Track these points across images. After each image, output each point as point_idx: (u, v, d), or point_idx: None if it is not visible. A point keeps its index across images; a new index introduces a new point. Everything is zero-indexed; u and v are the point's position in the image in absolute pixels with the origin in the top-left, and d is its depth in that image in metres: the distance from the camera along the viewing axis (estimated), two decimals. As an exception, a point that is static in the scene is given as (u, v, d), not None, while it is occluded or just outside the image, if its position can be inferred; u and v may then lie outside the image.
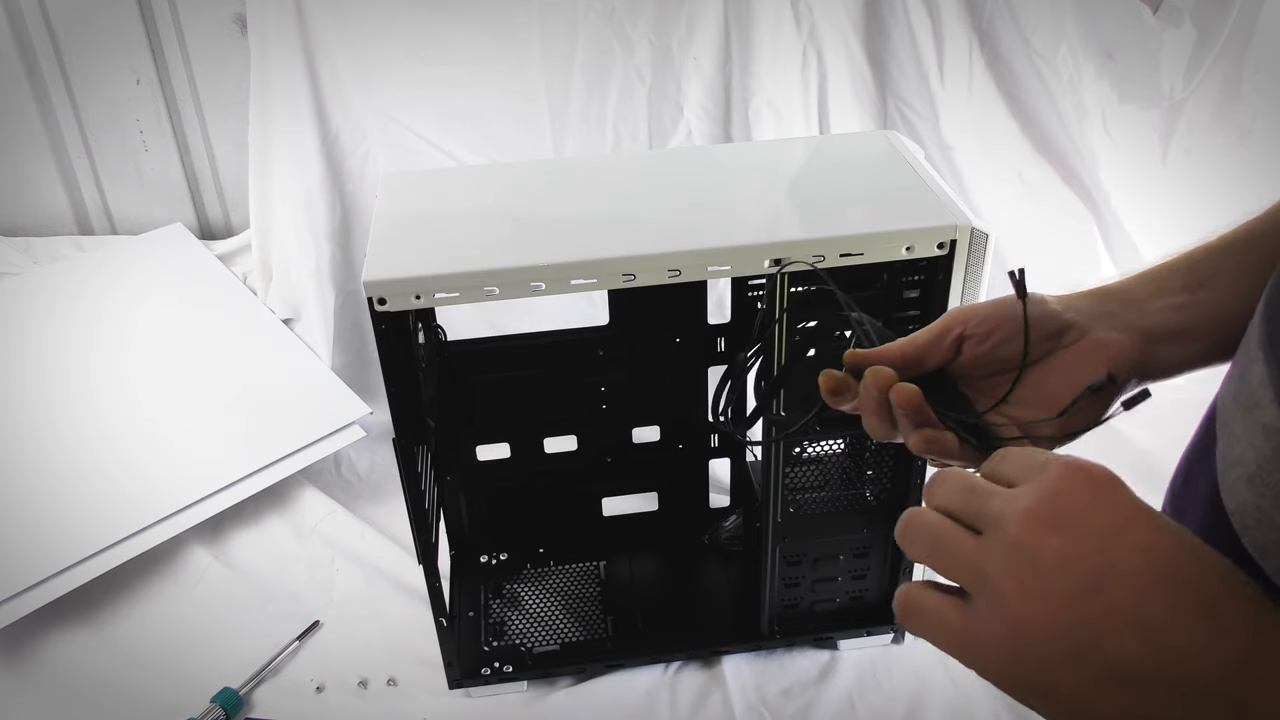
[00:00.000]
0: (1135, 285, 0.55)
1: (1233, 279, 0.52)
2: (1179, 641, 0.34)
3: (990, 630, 0.37)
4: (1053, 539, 0.36)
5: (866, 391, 0.54)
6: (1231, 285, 0.52)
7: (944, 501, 0.41)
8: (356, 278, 1.48)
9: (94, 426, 1.32)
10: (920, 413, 0.53)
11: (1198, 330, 0.52)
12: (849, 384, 0.56)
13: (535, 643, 1.13)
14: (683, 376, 1.17)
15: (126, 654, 1.15)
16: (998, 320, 0.55)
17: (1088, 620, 0.35)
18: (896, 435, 0.55)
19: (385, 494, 1.36)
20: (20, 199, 1.72)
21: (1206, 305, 0.52)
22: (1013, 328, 0.54)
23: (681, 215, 0.92)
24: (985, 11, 1.45)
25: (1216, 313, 0.52)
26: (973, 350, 0.55)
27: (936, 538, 0.40)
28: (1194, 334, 0.53)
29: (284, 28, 1.39)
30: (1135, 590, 0.35)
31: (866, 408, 0.55)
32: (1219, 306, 0.52)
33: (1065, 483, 0.37)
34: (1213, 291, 0.52)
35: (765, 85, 1.47)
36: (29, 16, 1.57)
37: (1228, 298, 0.52)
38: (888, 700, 1.09)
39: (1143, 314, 0.53)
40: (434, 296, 0.84)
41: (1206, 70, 1.44)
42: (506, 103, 1.49)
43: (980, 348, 0.55)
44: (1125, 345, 0.53)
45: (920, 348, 0.56)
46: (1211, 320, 0.52)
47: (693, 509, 1.27)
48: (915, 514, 0.41)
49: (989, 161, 1.52)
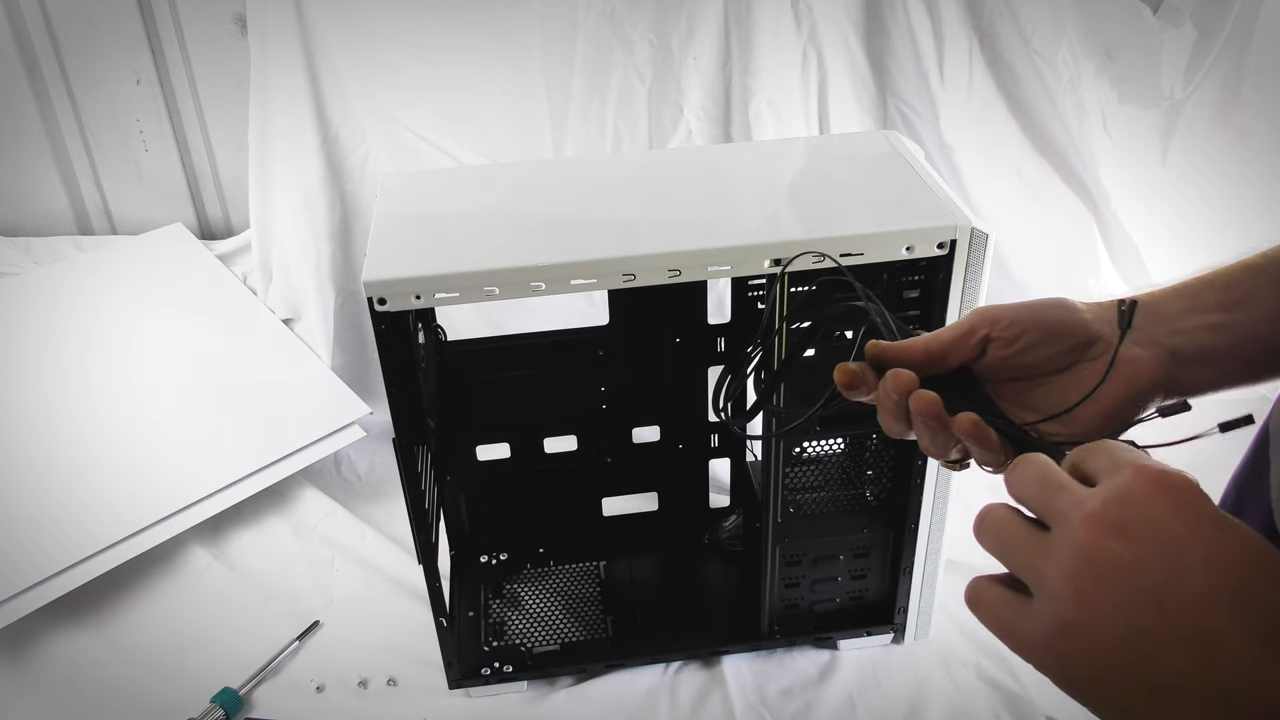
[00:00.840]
0: (1169, 300, 0.53)
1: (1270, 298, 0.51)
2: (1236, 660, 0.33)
3: (1041, 629, 0.37)
4: (1114, 544, 0.36)
5: (885, 394, 0.53)
6: (1267, 304, 0.51)
7: (1019, 492, 0.40)
8: (356, 278, 1.48)
9: (94, 426, 1.32)
10: (939, 421, 0.51)
11: (1228, 353, 0.51)
12: (866, 377, 0.54)
13: (535, 643, 1.13)
14: (683, 376, 1.17)
15: (127, 654, 1.15)
16: (1025, 324, 0.53)
17: (1143, 631, 0.35)
18: (910, 433, 0.54)
19: (385, 494, 1.36)
20: (20, 199, 1.72)
21: (1240, 326, 0.51)
22: (1040, 334, 0.53)
23: (681, 215, 0.92)
24: (985, 11, 1.45)
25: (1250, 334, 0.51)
26: (997, 353, 0.54)
27: (1004, 534, 0.40)
28: (1224, 356, 0.51)
29: (284, 28, 1.39)
30: (1195, 605, 0.34)
31: (884, 407, 0.54)
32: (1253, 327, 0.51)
33: (1136, 488, 0.37)
34: (1247, 311, 0.51)
35: (765, 85, 1.47)
36: (29, 16, 1.57)
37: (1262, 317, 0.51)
38: (888, 700, 1.09)
39: (1172, 332, 0.52)
40: (434, 296, 0.84)
41: (1206, 70, 1.44)
42: (507, 103, 1.49)
43: (1005, 351, 0.54)
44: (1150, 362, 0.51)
45: (945, 345, 0.54)
46: (1243, 342, 0.51)
47: (693, 509, 1.27)
48: (989, 510, 0.41)
49: (989, 161, 1.52)
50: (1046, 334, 0.53)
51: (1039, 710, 1.07)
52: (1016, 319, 0.53)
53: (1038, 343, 0.53)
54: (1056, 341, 0.53)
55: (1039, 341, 0.53)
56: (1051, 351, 0.53)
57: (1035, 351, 0.53)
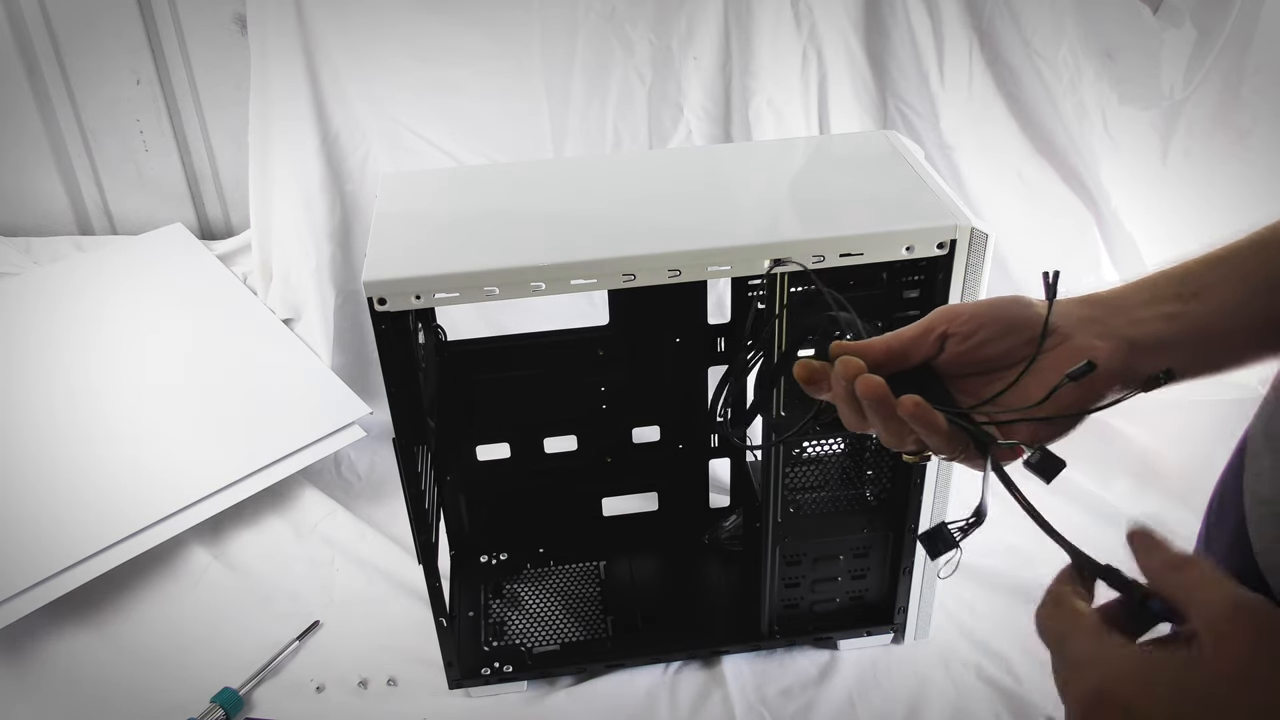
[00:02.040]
0: (1129, 292, 0.55)
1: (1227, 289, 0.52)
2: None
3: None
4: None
5: (836, 381, 0.55)
6: (1225, 295, 0.52)
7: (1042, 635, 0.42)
8: (356, 278, 1.48)
9: (94, 426, 1.32)
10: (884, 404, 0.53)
11: (1184, 343, 0.52)
12: (825, 373, 0.56)
13: (535, 643, 1.13)
14: (683, 376, 1.17)
15: (127, 654, 1.15)
16: (981, 320, 0.55)
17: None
18: (869, 426, 0.55)
19: (385, 494, 1.36)
20: (20, 199, 1.72)
21: (1197, 317, 0.52)
22: (996, 329, 0.54)
23: (681, 215, 0.92)
24: (985, 11, 1.45)
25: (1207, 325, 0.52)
26: (955, 348, 0.56)
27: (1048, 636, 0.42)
28: (1179, 346, 0.52)
29: (284, 28, 1.39)
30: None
31: (837, 396, 0.56)
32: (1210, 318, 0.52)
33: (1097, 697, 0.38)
34: (1205, 302, 0.52)
35: (765, 85, 1.47)
36: (29, 16, 1.57)
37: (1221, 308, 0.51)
38: (888, 700, 1.09)
39: (1130, 322, 0.53)
40: (434, 296, 0.85)
41: (1206, 70, 1.44)
42: (507, 103, 1.49)
43: (961, 346, 0.55)
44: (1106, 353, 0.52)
45: (905, 342, 0.56)
46: (1200, 333, 0.52)
47: (693, 509, 1.27)
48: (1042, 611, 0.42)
49: (989, 161, 1.52)
50: (1002, 328, 0.54)
51: (1039, 710, 1.07)
52: (973, 315, 0.55)
53: (994, 337, 0.54)
54: (1012, 335, 0.54)
55: (995, 336, 0.54)
56: (1008, 345, 0.54)
57: (992, 345, 0.55)
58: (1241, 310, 0.50)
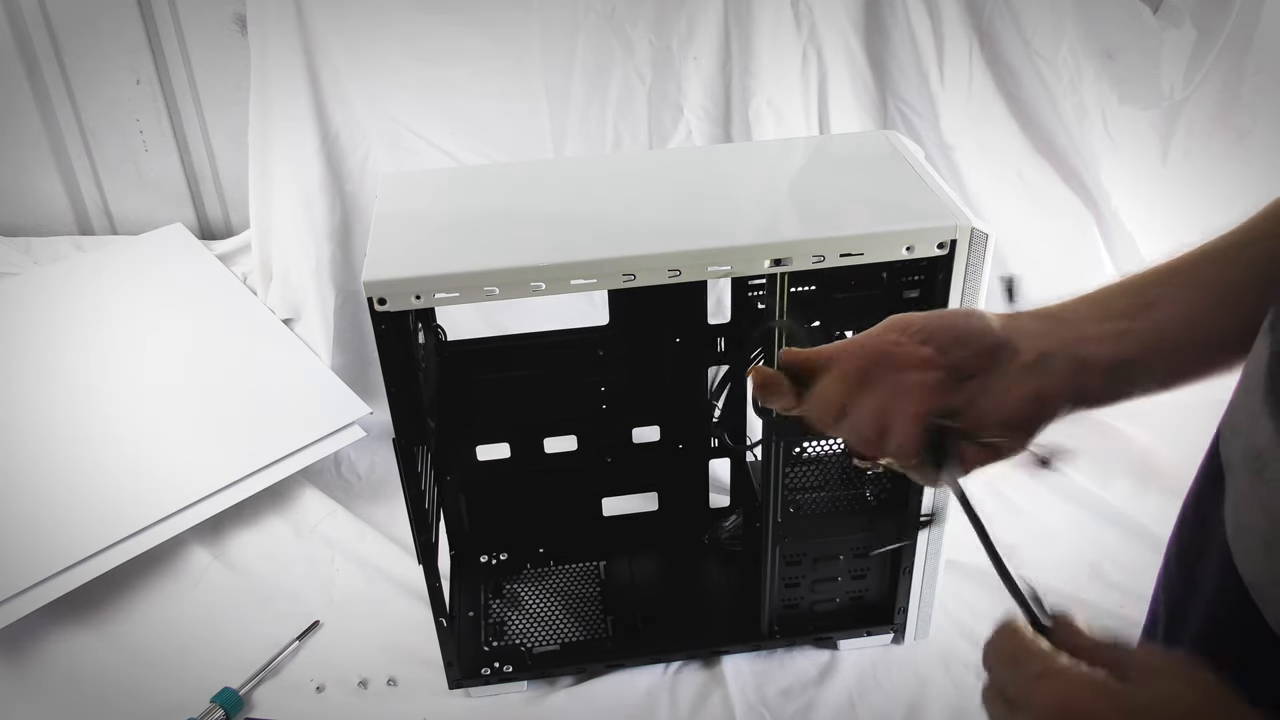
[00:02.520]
0: (1081, 307, 0.54)
1: (1180, 300, 0.51)
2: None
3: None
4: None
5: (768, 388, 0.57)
6: (1178, 307, 0.51)
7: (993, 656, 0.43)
8: (356, 278, 1.48)
9: (94, 426, 1.32)
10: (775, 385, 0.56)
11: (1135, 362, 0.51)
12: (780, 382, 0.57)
13: (535, 643, 1.13)
14: (683, 376, 1.17)
15: (127, 654, 1.15)
16: (930, 331, 0.55)
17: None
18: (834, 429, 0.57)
19: (385, 494, 1.36)
20: (20, 199, 1.72)
21: (1148, 331, 0.51)
22: (946, 338, 0.54)
23: (681, 215, 0.92)
24: (985, 11, 1.45)
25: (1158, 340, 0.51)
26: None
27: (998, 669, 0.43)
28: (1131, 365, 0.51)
29: (284, 28, 1.39)
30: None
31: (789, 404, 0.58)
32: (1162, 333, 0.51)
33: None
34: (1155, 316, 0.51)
35: (765, 85, 1.47)
36: (29, 16, 1.57)
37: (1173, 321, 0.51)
38: (888, 700, 1.09)
39: (1080, 339, 0.52)
40: (434, 296, 0.85)
41: (1206, 70, 1.44)
42: (506, 103, 1.49)
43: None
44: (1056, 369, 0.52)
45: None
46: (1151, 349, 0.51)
47: (693, 509, 1.27)
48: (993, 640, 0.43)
49: (989, 161, 1.52)
50: (952, 338, 0.54)
51: (1039, 710, 1.07)
52: (924, 325, 0.55)
53: (945, 347, 0.54)
54: (962, 346, 0.54)
55: (946, 346, 0.54)
56: (958, 356, 0.54)
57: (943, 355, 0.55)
58: (1197, 321, 0.50)
